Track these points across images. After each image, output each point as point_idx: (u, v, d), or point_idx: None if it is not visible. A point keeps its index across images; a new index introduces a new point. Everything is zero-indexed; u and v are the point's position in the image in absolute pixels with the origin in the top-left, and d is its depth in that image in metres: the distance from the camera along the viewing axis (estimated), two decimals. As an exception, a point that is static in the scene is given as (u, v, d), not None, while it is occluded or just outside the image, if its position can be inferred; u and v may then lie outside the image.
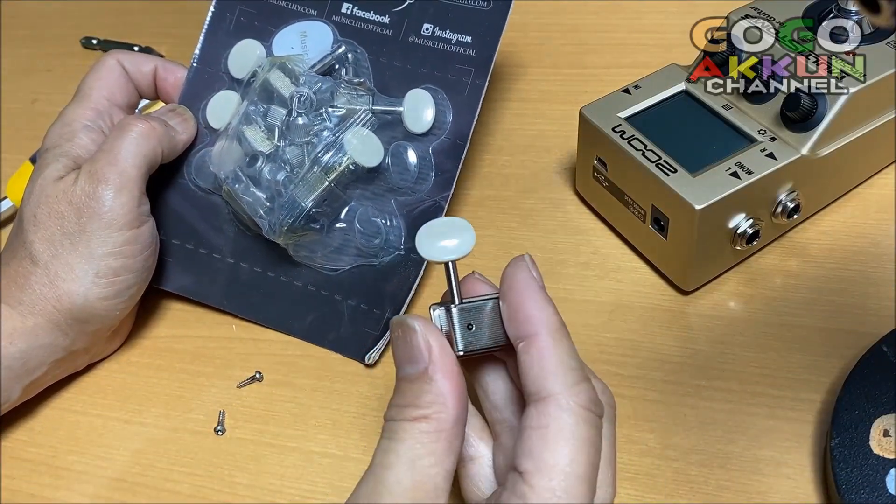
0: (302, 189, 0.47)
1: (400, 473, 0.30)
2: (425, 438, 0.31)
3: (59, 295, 0.44)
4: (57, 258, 0.45)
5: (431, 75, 0.50)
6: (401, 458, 0.30)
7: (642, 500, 0.41)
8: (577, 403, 0.30)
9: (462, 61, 0.50)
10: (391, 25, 0.51)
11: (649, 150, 0.45)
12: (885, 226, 0.49)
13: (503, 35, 0.49)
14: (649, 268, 0.49)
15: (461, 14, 0.50)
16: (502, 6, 0.50)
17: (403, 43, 0.51)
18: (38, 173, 0.47)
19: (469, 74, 0.49)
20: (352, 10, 0.52)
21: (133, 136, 0.46)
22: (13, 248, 0.47)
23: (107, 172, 0.45)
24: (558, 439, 0.29)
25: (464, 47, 0.50)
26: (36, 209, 0.46)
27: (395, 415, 0.31)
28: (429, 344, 0.32)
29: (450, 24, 0.50)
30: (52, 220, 0.45)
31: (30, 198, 0.46)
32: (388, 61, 0.51)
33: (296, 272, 0.50)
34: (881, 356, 0.41)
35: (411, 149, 0.49)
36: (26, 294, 0.45)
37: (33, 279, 0.45)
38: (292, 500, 0.43)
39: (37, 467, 0.46)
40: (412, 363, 0.32)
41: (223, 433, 0.46)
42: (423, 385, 0.31)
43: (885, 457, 0.38)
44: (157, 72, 0.53)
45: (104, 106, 0.50)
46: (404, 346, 0.32)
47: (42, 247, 0.45)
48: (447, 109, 0.49)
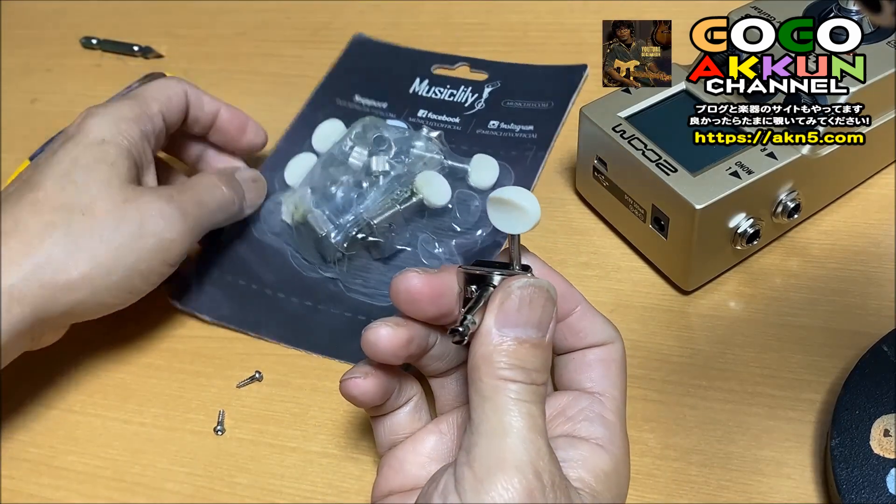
0: (372, 209, 0.50)
1: (541, 437, 0.31)
2: (543, 402, 0.32)
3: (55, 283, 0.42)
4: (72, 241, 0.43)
5: (496, 154, 0.54)
6: (538, 422, 0.31)
7: (642, 501, 0.41)
8: (622, 346, 0.37)
9: (524, 143, 0.56)
10: (461, 124, 0.58)
11: (649, 150, 0.45)
12: (886, 226, 0.49)
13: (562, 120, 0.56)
14: (649, 268, 0.49)
15: (525, 113, 0.57)
16: (563, 102, 0.57)
17: (471, 134, 0.57)
18: (100, 162, 0.44)
19: (531, 150, 0.55)
20: (426, 115, 0.59)
21: (217, 197, 0.48)
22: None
23: (188, 208, 0.46)
24: (620, 370, 0.37)
25: (526, 133, 0.56)
26: (94, 203, 0.43)
27: (523, 377, 0.32)
28: (555, 314, 0.34)
29: (514, 119, 0.57)
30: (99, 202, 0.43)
31: (89, 185, 0.43)
32: (457, 146, 0.56)
33: (346, 304, 0.50)
34: (882, 356, 0.41)
35: (475, 196, 0.52)
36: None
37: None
38: (292, 500, 0.43)
39: (37, 467, 0.46)
40: (542, 329, 0.33)
41: (223, 433, 0.46)
42: (546, 352, 0.33)
43: (886, 457, 0.38)
44: (221, 114, 0.52)
45: (156, 123, 0.48)
46: (542, 311, 0.33)
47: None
48: (510, 174, 0.54)
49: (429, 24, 0.66)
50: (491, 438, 0.31)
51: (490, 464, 0.30)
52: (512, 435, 0.30)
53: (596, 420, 0.35)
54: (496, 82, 0.60)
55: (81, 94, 0.67)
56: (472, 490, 0.30)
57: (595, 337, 0.37)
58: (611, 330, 0.37)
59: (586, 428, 0.35)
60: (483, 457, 0.30)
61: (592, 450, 0.34)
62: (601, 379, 0.36)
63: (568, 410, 0.36)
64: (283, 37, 0.69)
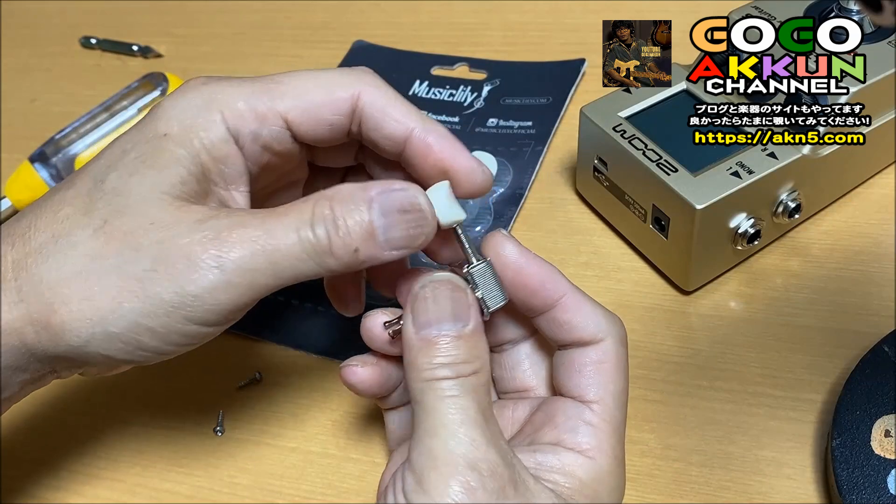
0: None
1: (476, 427, 0.31)
2: (483, 390, 0.32)
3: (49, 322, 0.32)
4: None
5: (495, 150, 0.55)
6: (470, 414, 0.31)
7: (643, 501, 0.41)
8: (623, 337, 0.35)
9: (523, 138, 0.56)
10: (460, 123, 0.58)
11: (650, 150, 0.45)
12: (887, 226, 0.49)
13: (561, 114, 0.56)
14: (650, 268, 0.49)
15: (524, 109, 0.57)
16: (562, 97, 0.57)
17: (470, 133, 0.57)
18: (145, 163, 0.33)
19: (529, 145, 0.55)
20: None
21: (296, 243, 0.32)
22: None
23: (237, 254, 0.31)
24: (614, 371, 0.34)
25: (524, 129, 0.56)
26: (114, 218, 0.32)
27: (448, 373, 0.31)
28: (473, 301, 0.33)
29: (513, 116, 0.57)
30: (117, 241, 0.32)
31: (118, 194, 0.33)
32: None
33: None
34: (882, 356, 0.41)
35: None
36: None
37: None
38: (292, 501, 0.43)
39: (37, 467, 0.46)
40: (460, 320, 0.32)
41: (222, 433, 0.46)
42: (471, 341, 0.32)
43: (887, 457, 0.38)
44: (414, 135, 0.35)
45: (273, 129, 0.35)
46: (452, 303, 0.32)
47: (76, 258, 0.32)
48: (508, 169, 0.54)
49: (429, 24, 0.66)
50: (424, 439, 0.31)
51: (425, 464, 0.30)
52: (441, 434, 0.30)
53: (581, 429, 0.34)
54: (495, 81, 0.60)
55: (81, 94, 0.67)
56: (413, 491, 0.30)
57: (583, 332, 0.35)
58: (602, 324, 0.35)
59: (571, 437, 0.34)
60: (417, 458, 0.31)
61: (574, 458, 0.33)
62: (591, 385, 0.34)
63: (556, 418, 0.34)
64: (283, 37, 0.69)
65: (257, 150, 0.35)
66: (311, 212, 0.32)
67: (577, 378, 0.34)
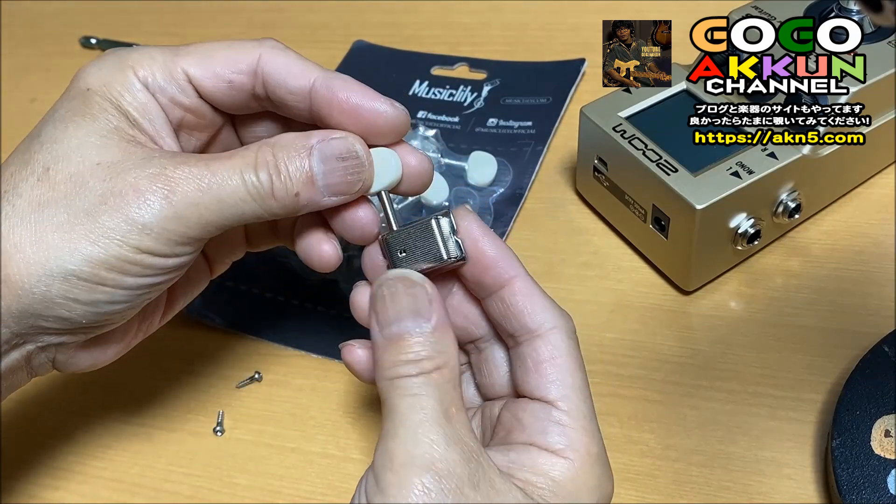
0: None
1: (435, 427, 0.30)
2: (449, 387, 0.31)
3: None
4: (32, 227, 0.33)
5: (495, 150, 0.54)
6: (429, 413, 0.31)
7: (643, 501, 0.41)
8: (571, 330, 0.34)
9: (523, 138, 0.56)
10: (460, 123, 0.58)
11: (650, 150, 0.45)
12: (887, 226, 0.49)
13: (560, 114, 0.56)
14: (650, 268, 0.49)
15: (524, 109, 0.57)
16: (561, 96, 0.57)
17: (470, 133, 0.57)
18: (76, 114, 0.35)
19: (529, 145, 0.55)
20: (426, 115, 0.58)
21: (239, 184, 0.34)
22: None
23: (184, 187, 0.33)
24: (572, 364, 0.33)
25: (524, 129, 0.56)
26: (55, 163, 0.34)
27: (411, 370, 0.31)
28: (434, 296, 0.32)
29: (513, 116, 0.57)
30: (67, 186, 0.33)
31: (55, 142, 0.34)
32: (456, 145, 0.56)
33: (346, 306, 0.49)
34: (882, 356, 0.41)
35: (473, 194, 0.53)
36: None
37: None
38: (292, 501, 0.43)
39: (37, 467, 0.46)
40: (419, 317, 0.32)
41: (222, 434, 0.46)
42: (433, 337, 0.32)
43: (887, 457, 0.38)
44: (316, 84, 0.36)
45: (211, 84, 0.36)
46: (409, 300, 0.32)
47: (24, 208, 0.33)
48: (508, 170, 0.54)
49: (429, 23, 0.66)
50: (385, 440, 0.31)
51: (384, 465, 0.30)
52: (400, 434, 0.30)
53: (551, 428, 0.33)
54: (495, 80, 0.60)
55: (81, 94, 0.67)
56: (372, 493, 0.30)
57: (530, 319, 0.34)
58: (550, 315, 0.34)
59: (542, 438, 0.33)
60: (378, 459, 0.31)
61: (547, 458, 0.32)
62: (551, 384, 0.33)
63: (524, 419, 0.34)
64: (283, 37, 0.68)
65: (168, 105, 0.36)
66: (254, 157, 0.34)
67: (535, 378, 0.34)
